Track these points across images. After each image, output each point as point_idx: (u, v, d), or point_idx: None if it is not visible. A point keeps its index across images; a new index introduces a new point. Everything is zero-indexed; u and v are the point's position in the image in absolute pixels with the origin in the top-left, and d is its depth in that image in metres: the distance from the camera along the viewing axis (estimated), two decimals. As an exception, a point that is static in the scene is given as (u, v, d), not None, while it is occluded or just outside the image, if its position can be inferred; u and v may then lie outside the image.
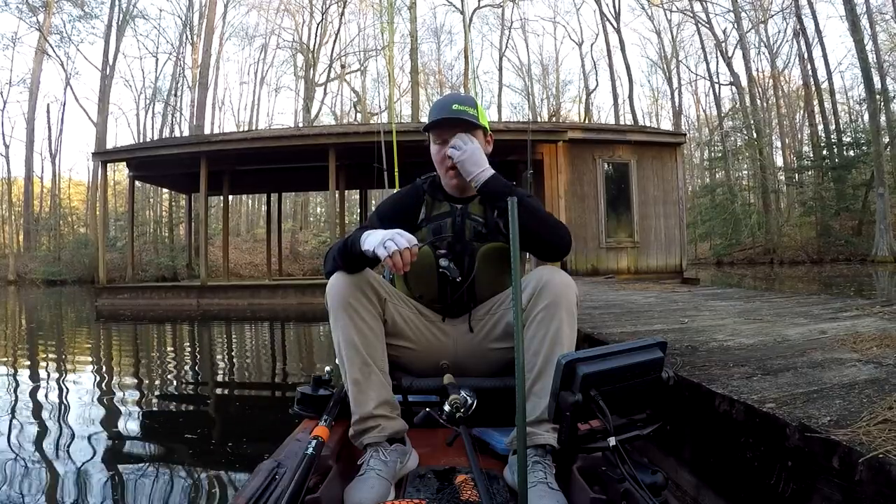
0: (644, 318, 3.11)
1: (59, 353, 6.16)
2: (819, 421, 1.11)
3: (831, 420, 1.11)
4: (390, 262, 1.25)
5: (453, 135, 1.51)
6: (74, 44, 30.02)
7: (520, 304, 1.00)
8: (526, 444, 0.87)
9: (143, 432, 3.13)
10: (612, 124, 24.20)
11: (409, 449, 1.39)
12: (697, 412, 1.47)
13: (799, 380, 1.46)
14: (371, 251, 1.29)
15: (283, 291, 11.70)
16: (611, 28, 32.92)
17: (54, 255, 27.17)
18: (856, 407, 1.18)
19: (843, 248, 22.20)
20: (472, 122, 1.53)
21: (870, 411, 1.13)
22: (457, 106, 1.53)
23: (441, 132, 1.55)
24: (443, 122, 1.52)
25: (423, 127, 1.58)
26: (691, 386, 1.50)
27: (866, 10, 23.04)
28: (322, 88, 34.39)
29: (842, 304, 3.29)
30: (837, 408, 1.19)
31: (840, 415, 1.14)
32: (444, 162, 1.56)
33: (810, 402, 1.25)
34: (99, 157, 13.57)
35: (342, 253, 1.40)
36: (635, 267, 11.64)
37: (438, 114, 1.53)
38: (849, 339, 2.03)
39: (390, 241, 1.26)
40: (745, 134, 28.24)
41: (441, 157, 1.56)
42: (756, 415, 1.23)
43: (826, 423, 1.09)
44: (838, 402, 1.24)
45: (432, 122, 1.54)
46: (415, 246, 1.28)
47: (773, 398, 1.29)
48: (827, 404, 1.22)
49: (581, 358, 1.03)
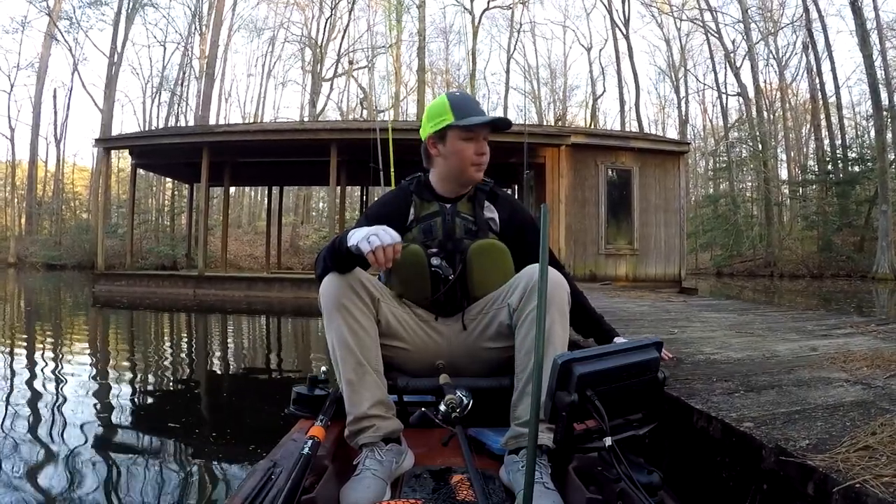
0: (634, 327, 3.07)
1: (53, 340, 6.14)
2: (797, 444, 1.06)
3: (810, 444, 1.06)
4: (373, 258, 1.25)
5: (486, 135, 1.60)
6: (83, 30, 29.94)
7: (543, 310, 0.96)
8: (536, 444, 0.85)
9: (136, 429, 3.10)
10: (615, 130, 24.15)
11: (404, 449, 1.38)
12: (676, 426, 1.43)
13: (782, 398, 1.42)
14: (355, 246, 1.28)
15: (280, 285, 11.66)
16: (620, 34, 32.82)
17: (55, 239, 27.17)
18: (838, 430, 1.14)
19: (844, 263, 22.08)
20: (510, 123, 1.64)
21: (851, 436, 1.09)
22: (489, 111, 1.60)
23: (479, 131, 1.59)
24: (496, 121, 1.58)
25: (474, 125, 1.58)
26: (670, 399, 1.46)
27: (877, 26, 22.95)
28: (329, 84, 34.39)
29: (836, 321, 3.24)
30: (818, 430, 1.15)
31: (820, 438, 1.09)
32: (478, 158, 1.60)
33: (791, 422, 1.21)
34: (102, 143, 13.56)
35: (331, 253, 1.41)
36: (634, 274, 11.57)
37: (481, 114, 1.58)
38: (839, 358, 1.98)
39: (374, 236, 1.26)
40: (751, 145, 28.11)
41: (471, 153, 1.59)
42: (733, 434, 1.19)
43: (804, 447, 1.05)
44: (820, 424, 1.19)
45: (486, 120, 1.57)
46: (399, 244, 1.27)
47: (753, 417, 1.25)
48: (808, 426, 1.18)
49: (577, 358, 1.03)
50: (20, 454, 2.50)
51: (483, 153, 1.59)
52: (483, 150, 1.60)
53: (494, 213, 1.65)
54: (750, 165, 28.81)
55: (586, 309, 1.67)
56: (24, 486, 2.15)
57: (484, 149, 1.60)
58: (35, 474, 2.28)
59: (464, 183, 1.63)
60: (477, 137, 1.59)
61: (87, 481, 2.22)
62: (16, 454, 2.49)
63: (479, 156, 1.59)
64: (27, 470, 2.32)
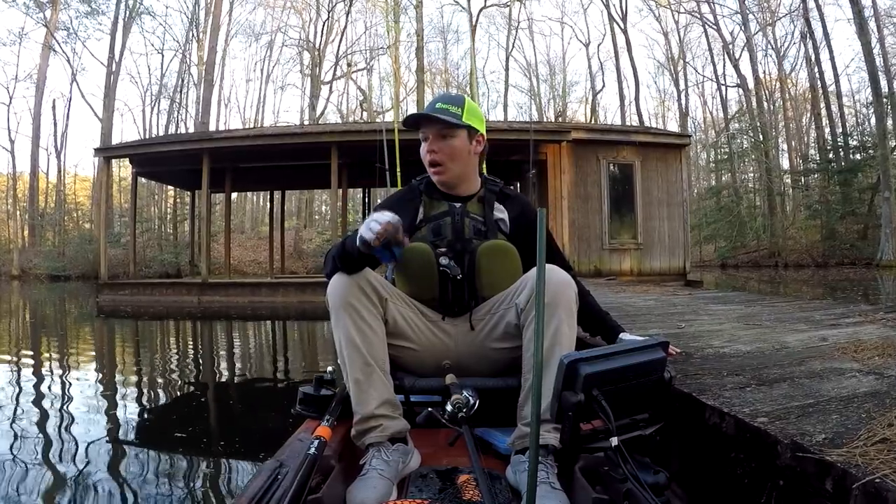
0: (640, 322, 3.04)
1: (58, 352, 6.14)
2: (813, 439, 1.04)
3: (826, 438, 1.04)
4: (381, 232, 1.22)
5: (435, 132, 1.57)
6: (81, 40, 30.18)
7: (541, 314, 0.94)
8: (538, 444, 0.85)
9: (142, 431, 3.11)
10: (616, 125, 24.08)
11: (411, 449, 1.37)
12: (687, 424, 1.41)
13: (795, 391, 1.40)
14: (361, 238, 1.26)
15: (284, 289, 11.66)
16: (618, 29, 32.72)
17: (58, 250, 27.19)
18: (853, 423, 1.11)
19: (848, 251, 22.01)
20: (450, 120, 1.55)
21: (868, 428, 1.06)
22: (440, 104, 1.57)
23: (424, 129, 1.60)
24: (423, 117, 1.56)
25: (403, 123, 1.63)
26: (681, 396, 1.44)
27: (874, 13, 22.84)
28: (328, 86, 34.41)
29: (844, 310, 3.21)
30: (834, 424, 1.12)
31: (836, 432, 1.07)
32: (425, 158, 1.60)
33: (805, 416, 1.18)
34: (102, 152, 13.57)
35: (340, 254, 1.40)
36: (638, 269, 11.54)
37: (422, 111, 1.57)
38: (850, 348, 1.96)
39: (373, 221, 1.25)
40: (752, 136, 28.01)
41: (423, 153, 1.60)
42: (747, 429, 1.16)
43: (820, 442, 1.02)
44: (835, 417, 1.17)
45: (411, 116, 1.59)
46: (398, 220, 1.25)
47: (766, 412, 1.23)
48: (823, 419, 1.16)
49: (583, 358, 1.04)
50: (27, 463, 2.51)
51: (428, 152, 1.58)
52: (430, 148, 1.58)
53: (504, 214, 1.64)
54: (751, 156, 28.72)
55: (591, 306, 1.65)
56: (31, 495, 2.16)
57: (431, 147, 1.57)
58: (42, 484, 2.28)
59: (439, 183, 1.63)
60: (425, 137, 1.59)
61: (95, 490, 2.22)
62: (23, 463, 2.50)
63: (427, 154, 1.59)
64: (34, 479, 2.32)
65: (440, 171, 1.58)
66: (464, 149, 1.58)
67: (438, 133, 1.56)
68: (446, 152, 1.56)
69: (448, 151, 1.56)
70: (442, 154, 1.56)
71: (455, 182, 1.61)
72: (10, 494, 2.15)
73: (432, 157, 1.57)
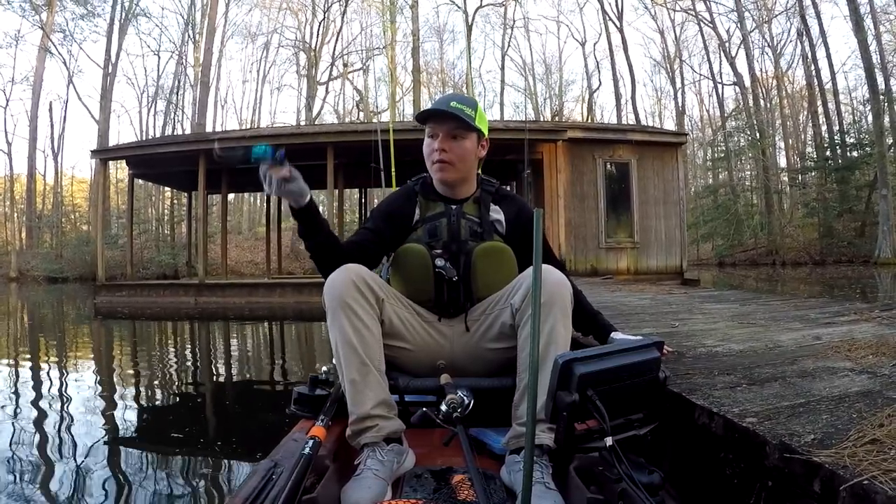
0: (634, 321, 3.03)
1: (56, 353, 6.11)
2: (802, 439, 1.03)
3: (815, 438, 1.03)
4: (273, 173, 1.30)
5: (446, 131, 1.55)
6: (77, 42, 30.04)
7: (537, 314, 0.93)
8: (534, 444, 0.84)
9: (138, 431, 3.11)
10: (612, 124, 24.10)
11: (405, 449, 1.37)
12: (678, 424, 1.40)
13: (786, 391, 1.39)
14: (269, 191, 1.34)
15: (281, 290, 11.65)
16: (614, 27, 32.81)
17: (56, 252, 27.15)
18: (843, 423, 1.11)
19: (845, 249, 22.06)
20: (466, 121, 1.54)
21: (858, 429, 1.05)
22: (455, 104, 1.55)
23: (435, 126, 1.57)
24: (438, 113, 1.54)
25: (416, 116, 1.60)
26: (672, 396, 1.43)
27: (870, 10, 22.88)
28: (324, 87, 34.35)
29: (840, 308, 3.20)
30: (823, 424, 1.11)
31: (825, 432, 1.06)
32: (431, 155, 1.58)
33: (795, 416, 1.18)
34: (98, 154, 13.56)
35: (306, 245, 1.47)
36: (635, 268, 11.54)
37: (436, 106, 1.56)
38: (843, 346, 1.95)
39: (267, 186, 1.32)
40: (749, 134, 28.08)
41: (430, 150, 1.58)
42: (735, 430, 1.16)
43: (809, 442, 1.01)
44: (825, 417, 1.16)
45: (426, 111, 1.56)
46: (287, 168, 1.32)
47: (756, 412, 1.22)
48: (813, 419, 1.15)
49: (578, 358, 1.03)
50: (26, 462, 2.52)
51: (438, 150, 1.55)
52: (440, 146, 1.55)
53: (500, 215, 1.63)
54: (748, 154, 28.79)
55: (582, 305, 1.64)
56: (30, 495, 2.17)
57: (441, 145, 1.55)
58: (41, 483, 2.29)
59: (441, 182, 1.61)
60: (436, 134, 1.56)
61: (92, 491, 2.23)
62: (22, 462, 2.51)
63: (435, 152, 1.56)
64: (33, 479, 2.34)
65: (447, 169, 1.56)
66: (472, 151, 1.58)
67: (450, 132, 1.55)
68: (457, 153, 1.55)
69: (459, 152, 1.56)
70: (452, 154, 1.55)
71: (456, 183, 1.61)
72: (9, 494, 2.15)
73: (442, 156, 1.55)
